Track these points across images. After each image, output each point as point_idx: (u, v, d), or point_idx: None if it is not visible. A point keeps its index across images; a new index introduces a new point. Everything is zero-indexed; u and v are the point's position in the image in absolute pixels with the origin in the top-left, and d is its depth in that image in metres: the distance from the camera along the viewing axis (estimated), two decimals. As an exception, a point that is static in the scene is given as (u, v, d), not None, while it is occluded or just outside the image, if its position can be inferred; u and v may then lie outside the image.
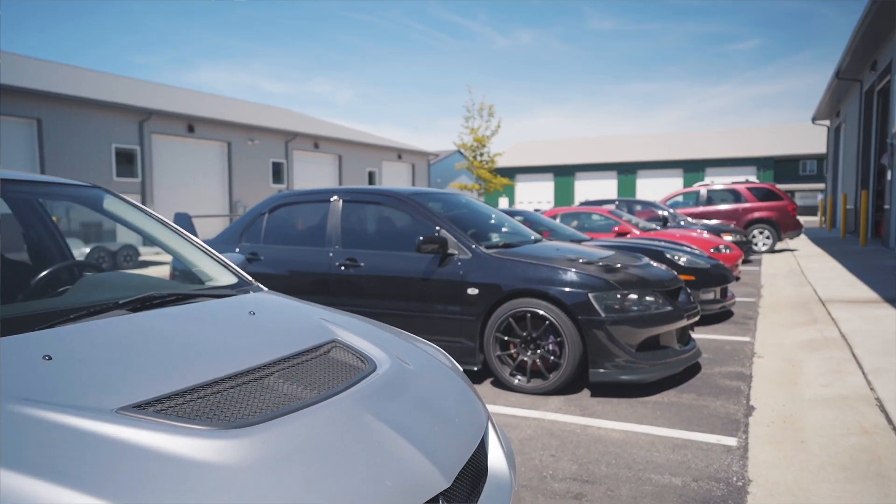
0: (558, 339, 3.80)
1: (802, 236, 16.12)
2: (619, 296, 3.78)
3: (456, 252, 4.18)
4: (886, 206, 13.92)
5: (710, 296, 5.99)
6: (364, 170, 33.34)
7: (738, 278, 9.66)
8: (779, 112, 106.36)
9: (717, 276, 6.13)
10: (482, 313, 4.02)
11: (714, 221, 14.25)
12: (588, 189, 48.61)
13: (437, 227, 4.28)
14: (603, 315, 3.70)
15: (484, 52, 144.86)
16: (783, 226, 14.04)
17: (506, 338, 3.96)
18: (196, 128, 23.62)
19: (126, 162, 21.20)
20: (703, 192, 15.18)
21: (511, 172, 53.32)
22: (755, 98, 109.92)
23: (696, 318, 4.24)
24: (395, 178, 36.38)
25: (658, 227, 10.66)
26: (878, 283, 7.72)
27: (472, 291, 4.04)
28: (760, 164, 42.84)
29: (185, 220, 5.52)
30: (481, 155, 38.46)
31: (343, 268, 4.50)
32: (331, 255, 4.60)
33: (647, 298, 3.88)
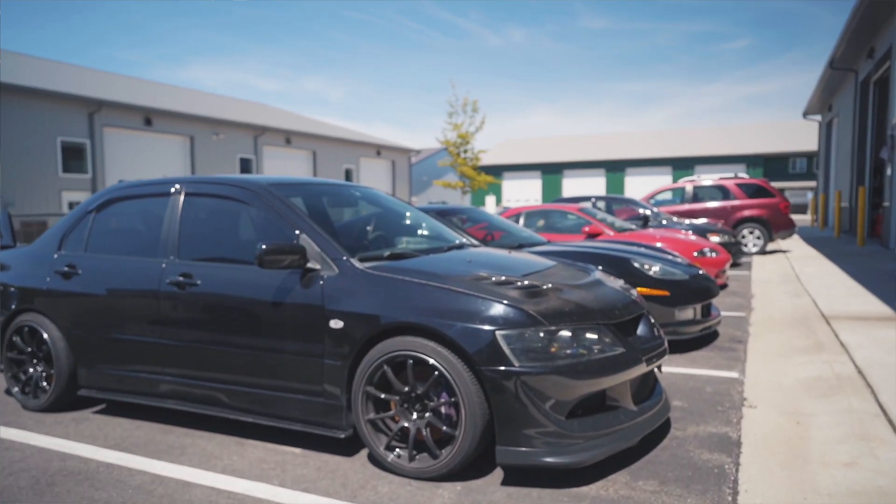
0: (453, 399, 2.54)
1: (795, 236, 14.98)
2: (543, 334, 2.52)
3: (318, 266, 2.90)
4: (886, 204, 12.79)
5: (689, 315, 4.74)
6: (340, 167, 31.98)
7: (725, 286, 8.45)
8: (770, 111, 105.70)
9: (697, 289, 4.89)
10: (350, 356, 2.75)
11: (702, 220, 13.07)
12: (577, 187, 47.63)
13: (298, 231, 3.01)
14: (517, 364, 2.44)
15: (476, 50, 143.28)
16: (775, 225, 12.87)
17: (382, 395, 2.69)
18: (154, 121, 22.19)
19: (74, 157, 19.74)
20: (689, 188, 13.99)
21: (498, 170, 52.30)
22: (747, 97, 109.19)
23: (662, 359, 2.99)
24: (374, 175, 35.06)
25: (636, 228, 9.44)
26: (887, 293, 6.52)
27: (336, 324, 2.77)
28: (750, 161, 41.96)
29: (3, 218, 4.25)
30: (465, 152, 37.33)
31: (175, 287, 3.21)
32: (163, 267, 3.31)
33: (588, 336, 2.63)
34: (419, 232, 4.01)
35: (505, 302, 2.57)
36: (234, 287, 3.08)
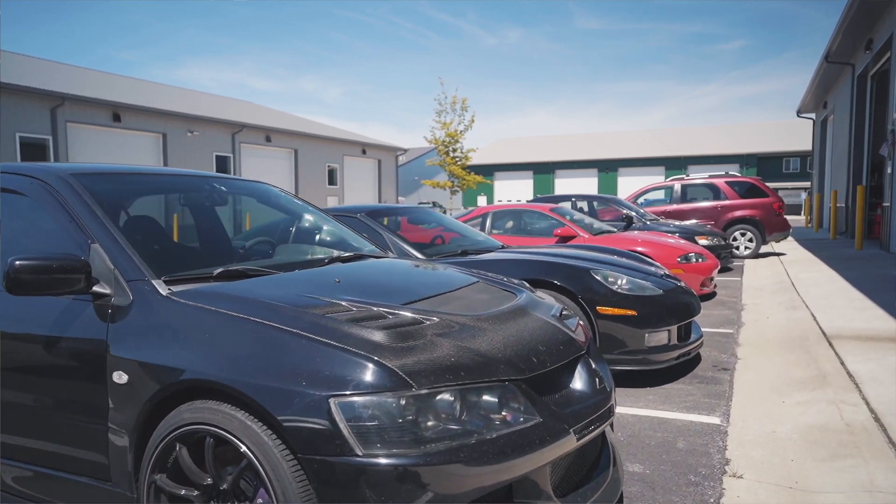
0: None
1: (789, 238, 14.14)
2: (407, 401, 1.62)
3: (108, 290, 2.01)
4: (886, 204, 11.97)
5: (662, 339, 3.85)
6: (323, 165, 31.05)
7: (713, 294, 7.59)
8: (765, 111, 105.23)
9: (674, 306, 4.01)
10: (136, 427, 1.85)
11: (692, 221, 12.24)
12: (569, 187, 46.92)
13: (91, 240, 2.11)
14: (361, 452, 1.55)
15: (472, 50, 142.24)
16: (768, 226, 12.02)
17: (178, 489, 1.80)
18: (123, 116, 21.20)
19: (35, 154, 18.74)
20: (677, 187, 13.13)
21: (489, 170, 51.59)
22: (741, 97, 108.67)
23: (605, 424, 2.10)
24: (359, 174, 34.14)
25: (616, 230, 8.58)
26: (895, 305, 5.68)
27: (120, 378, 1.87)
28: (744, 161, 41.29)
29: None
30: (454, 151, 36.51)
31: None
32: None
33: (485, 400, 1.75)
34: (313, 238, 3.12)
35: (351, 350, 1.67)
36: (5, 317, 2.17)
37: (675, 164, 42.67)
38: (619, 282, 3.90)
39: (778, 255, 12.21)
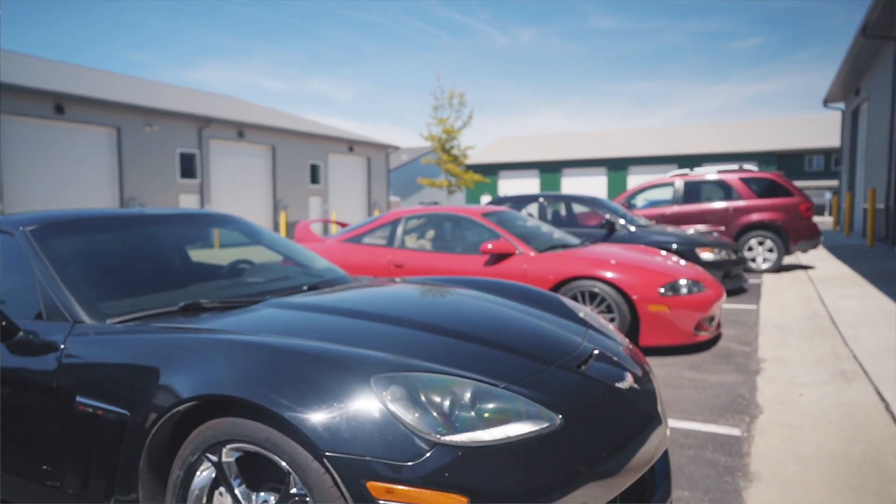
0: None
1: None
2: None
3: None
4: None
5: None
6: (305, 163, 28.88)
7: (717, 337, 5.20)
8: (781, 111, 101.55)
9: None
10: None
11: (701, 227, 9.84)
12: (576, 186, 44.53)
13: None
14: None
15: (483, 50, 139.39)
16: (793, 233, 9.56)
17: None
18: (68, 109, 19.15)
19: (-41, 149, 16.74)
20: (679, 184, 10.68)
21: (493, 169, 49.40)
22: (756, 96, 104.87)
23: None
24: (346, 173, 31.94)
25: (581, 243, 6.18)
26: None
27: None
28: (762, 159, 38.46)
29: None
30: (451, 148, 34.30)
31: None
32: None
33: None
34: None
35: None
36: None
37: (688, 163, 39.89)
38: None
39: (805, 268, 9.73)
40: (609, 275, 4.71)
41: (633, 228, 7.91)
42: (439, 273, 5.19)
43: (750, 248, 9.67)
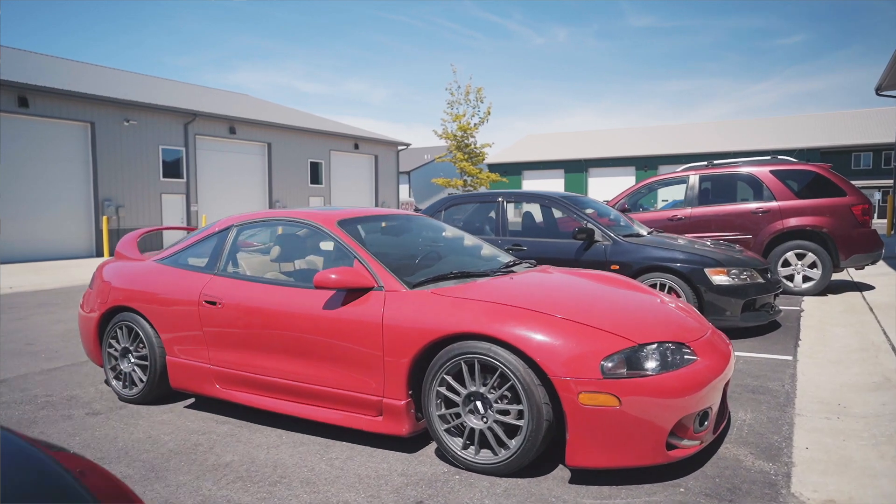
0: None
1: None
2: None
3: None
4: None
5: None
6: (305, 161, 27.14)
7: (726, 427, 3.02)
8: (826, 108, 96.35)
9: None
10: None
11: (731, 235, 7.67)
12: (603, 186, 42.07)
13: None
14: None
15: (519, 50, 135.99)
16: (845, 243, 7.22)
17: None
18: (33, 102, 17.72)
19: None
20: (695, 180, 8.40)
21: (517, 168, 47.31)
22: (798, 94, 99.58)
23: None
24: (350, 172, 30.11)
25: (529, 265, 4.04)
26: None
27: None
28: (804, 157, 35.29)
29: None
30: (466, 146, 32.32)
31: None
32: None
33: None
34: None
35: None
36: None
37: (722, 161, 37.06)
38: None
39: (860, 289, 7.39)
40: (515, 332, 2.60)
41: (623, 238, 5.75)
42: (268, 321, 3.19)
43: (786, 264, 7.37)
